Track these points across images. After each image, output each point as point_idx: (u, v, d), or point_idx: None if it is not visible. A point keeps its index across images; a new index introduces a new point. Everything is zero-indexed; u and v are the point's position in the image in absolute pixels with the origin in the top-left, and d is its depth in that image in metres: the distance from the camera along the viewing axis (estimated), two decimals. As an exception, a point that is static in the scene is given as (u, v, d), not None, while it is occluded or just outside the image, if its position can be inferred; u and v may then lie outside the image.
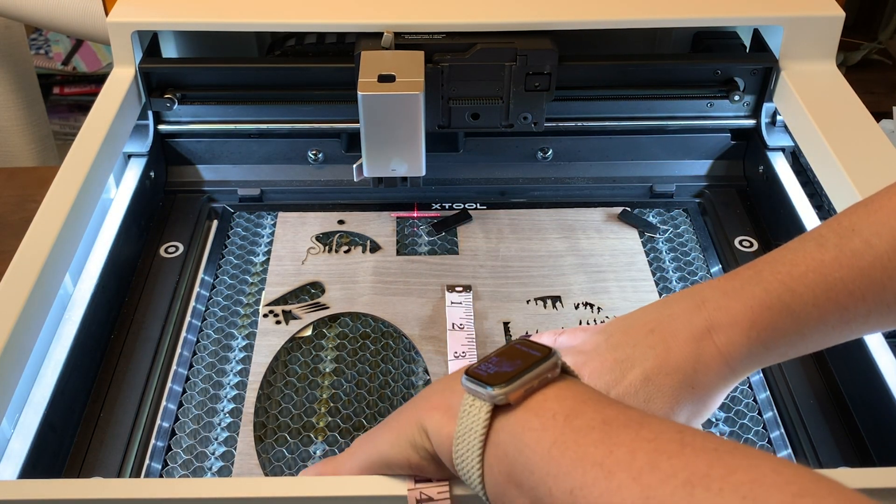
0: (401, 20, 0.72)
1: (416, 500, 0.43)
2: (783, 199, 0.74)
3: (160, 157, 0.81)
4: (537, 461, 0.37)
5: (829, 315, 0.46)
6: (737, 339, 0.47)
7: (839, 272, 0.46)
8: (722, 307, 0.47)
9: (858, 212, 0.48)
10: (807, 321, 0.46)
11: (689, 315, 0.48)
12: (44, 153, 1.45)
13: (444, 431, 0.41)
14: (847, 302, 0.46)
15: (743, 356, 0.47)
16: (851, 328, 0.47)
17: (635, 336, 0.49)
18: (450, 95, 0.72)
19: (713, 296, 0.48)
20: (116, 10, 0.75)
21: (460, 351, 0.65)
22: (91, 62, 1.95)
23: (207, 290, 0.71)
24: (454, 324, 0.68)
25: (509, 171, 0.83)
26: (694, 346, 0.47)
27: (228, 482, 0.48)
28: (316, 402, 0.62)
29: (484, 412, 0.39)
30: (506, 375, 0.39)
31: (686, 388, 0.47)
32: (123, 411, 0.61)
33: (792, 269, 0.47)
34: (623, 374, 0.48)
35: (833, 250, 0.47)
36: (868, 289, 0.46)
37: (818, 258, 0.47)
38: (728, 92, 0.77)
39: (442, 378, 0.46)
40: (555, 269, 0.73)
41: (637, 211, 0.79)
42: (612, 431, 0.36)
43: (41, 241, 0.59)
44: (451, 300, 0.70)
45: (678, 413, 0.48)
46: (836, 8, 0.75)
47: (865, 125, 0.69)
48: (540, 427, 0.38)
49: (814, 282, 0.46)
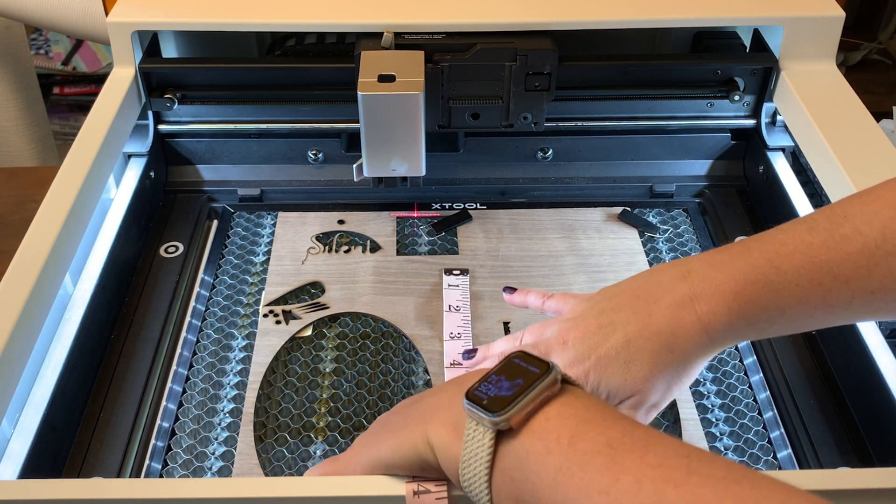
0: (401, 20, 0.72)
1: (414, 491, 0.43)
2: (783, 199, 0.74)
3: (160, 157, 0.81)
4: (543, 488, 0.37)
5: (812, 296, 0.47)
6: (717, 309, 0.48)
7: (826, 255, 0.47)
8: (706, 278, 0.49)
9: (853, 201, 0.49)
10: (788, 299, 0.47)
11: (674, 283, 0.49)
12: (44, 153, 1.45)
13: (451, 452, 0.41)
14: (831, 285, 0.47)
15: (723, 326, 0.48)
16: (834, 312, 0.48)
17: (620, 302, 0.51)
18: (450, 95, 0.72)
19: (699, 267, 0.49)
20: (116, 10, 0.75)
21: (456, 332, 0.67)
22: (91, 62, 1.95)
23: (207, 290, 0.71)
24: (450, 305, 0.69)
25: (509, 171, 0.82)
26: (675, 311, 0.48)
27: (228, 482, 0.48)
28: (316, 402, 0.62)
29: (487, 438, 0.39)
30: (506, 400, 0.39)
31: (665, 352, 0.49)
32: (123, 411, 0.61)
33: (780, 248, 0.48)
34: (605, 337, 0.49)
35: (823, 234, 0.47)
36: (853, 274, 0.46)
37: (807, 240, 0.48)
38: (728, 92, 0.77)
39: (449, 386, 0.45)
40: (555, 268, 0.73)
41: (637, 211, 0.79)
42: (616, 457, 0.36)
43: (41, 241, 0.59)
44: (448, 283, 0.71)
45: (657, 377, 0.49)
46: (836, 8, 0.75)
47: (865, 125, 0.69)
48: (544, 451, 0.38)
49: (799, 262, 0.47)
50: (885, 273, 0.46)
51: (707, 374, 0.64)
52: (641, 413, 0.50)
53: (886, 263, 0.46)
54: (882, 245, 0.46)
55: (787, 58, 0.76)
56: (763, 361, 0.64)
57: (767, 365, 0.64)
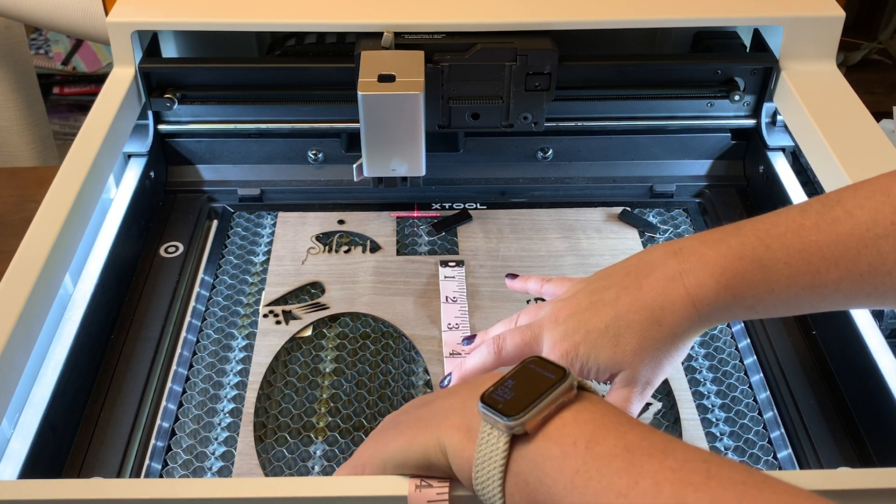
0: (401, 20, 0.72)
1: (416, 485, 0.43)
2: (783, 199, 0.74)
3: (160, 156, 0.81)
4: (559, 491, 0.37)
5: (801, 275, 0.48)
6: (705, 282, 0.48)
7: (816, 235, 0.47)
8: (697, 253, 0.49)
9: (847, 188, 0.50)
10: (777, 277, 0.48)
11: (664, 259, 0.50)
12: (44, 153, 1.45)
13: (464, 455, 0.41)
14: (819, 265, 0.47)
15: (710, 300, 0.49)
16: (823, 294, 0.48)
17: (612, 280, 0.52)
18: (450, 95, 0.72)
19: (691, 244, 0.50)
20: (116, 10, 0.75)
21: (453, 322, 0.67)
22: (91, 62, 1.95)
23: (207, 290, 0.71)
24: (447, 297, 0.70)
25: (509, 171, 0.82)
26: (664, 285, 0.49)
27: (228, 482, 0.48)
28: (316, 403, 0.62)
29: (502, 442, 0.39)
30: (521, 403, 0.39)
31: (654, 325, 0.49)
32: (123, 411, 0.61)
33: (771, 228, 0.49)
34: (595, 312, 0.50)
35: (814, 216, 0.48)
36: (842, 255, 0.47)
37: (798, 221, 0.48)
38: (728, 92, 0.77)
39: (461, 389, 0.45)
40: (555, 269, 0.73)
41: (637, 211, 0.79)
42: (635, 460, 0.36)
43: (41, 241, 0.59)
44: (444, 274, 0.71)
45: (646, 350, 0.49)
46: (837, 8, 0.75)
47: (865, 125, 0.69)
48: (560, 455, 0.37)
49: (790, 241, 0.48)
50: (875, 256, 0.46)
51: (707, 375, 0.64)
52: (637, 392, 0.51)
53: (876, 246, 0.46)
54: (872, 228, 0.46)
55: (787, 58, 0.76)
56: (763, 361, 0.64)
57: (767, 365, 0.64)
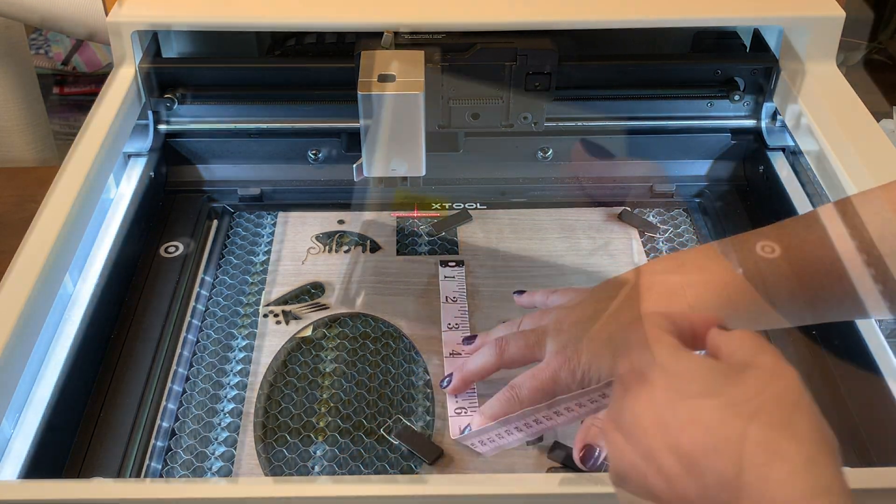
0: (401, 20, 0.72)
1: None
2: (783, 199, 0.74)
3: (160, 156, 0.81)
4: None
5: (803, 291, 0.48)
6: (707, 296, 0.49)
7: (820, 251, 0.48)
8: (700, 267, 0.50)
9: (852, 201, 0.50)
10: (779, 292, 0.48)
11: (668, 272, 0.51)
12: (44, 153, 1.45)
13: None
14: (823, 281, 0.48)
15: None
16: (827, 308, 0.49)
17: (616, 290, 0.53)
18: (450, 95, 0.72)
19: (694, 257, 0.51)
20: (116, 9, 0.75)
21: (453, 322, 0.67)
22: (91, 62, 1.95)
23: (208, 290, 0.71)
24: (447, 297, 0.69)
25: (509, 171, 0.82)
26: (666, 299, 0.50)
27: (229, 482, 0.48)
28: (316, 403, 0.62)
29: None
30: None
31: None
32: (123, 411, 0.61)
33: (775, 242, 0.49)
34: (599, 322, 0.51)
35: (819, 231, 0.48)
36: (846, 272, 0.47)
37: (802, 236, 0.49)
38: (728, 92, 0.77)
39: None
40: (555, 268, 0.73)
41: (637, 211, 0.79)
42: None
43: (42, 240, 0.59)
44: (444, 274, 0.71)
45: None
46: (837, 8, 0.75)
47: (865, 125, 0.69)
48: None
49: (794, 257, 0.48)
50: (881, 273, 0.46)
51: (707, 374, 0.64)
52: None
53: (882, 263, 0.46)
54: (879, 244, 0.46)
55: (787, 58, 0.76)
56: (763, 361, 0.64)
57: (767, 365, 0.64)
